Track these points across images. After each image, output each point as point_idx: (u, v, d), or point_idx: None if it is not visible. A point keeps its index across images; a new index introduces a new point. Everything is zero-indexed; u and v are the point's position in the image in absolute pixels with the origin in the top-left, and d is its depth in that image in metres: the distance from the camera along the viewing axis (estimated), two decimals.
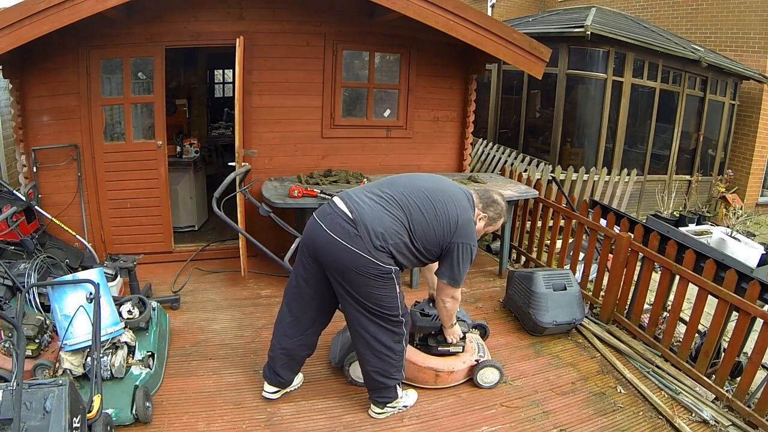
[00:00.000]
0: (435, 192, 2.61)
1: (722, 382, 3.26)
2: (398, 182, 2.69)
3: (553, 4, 13.76)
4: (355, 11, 4.76)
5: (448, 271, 2.63)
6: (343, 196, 2.60)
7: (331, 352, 3.33)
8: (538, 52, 4.62)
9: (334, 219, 2.50)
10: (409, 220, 2.52)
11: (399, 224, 2.50)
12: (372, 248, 2.44)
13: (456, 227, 2.57)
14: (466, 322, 3.25)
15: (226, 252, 4.95)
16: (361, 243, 2.43)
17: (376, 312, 2.59)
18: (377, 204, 2.53)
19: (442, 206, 2.57)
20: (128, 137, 4.52)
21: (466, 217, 2.62)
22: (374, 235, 2.45)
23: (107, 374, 2.67)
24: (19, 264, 3.28)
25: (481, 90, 6.38)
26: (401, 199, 2.55)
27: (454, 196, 2.64)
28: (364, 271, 2.46)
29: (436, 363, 3.14)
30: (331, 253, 2.49)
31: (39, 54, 4.06)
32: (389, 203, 2.54)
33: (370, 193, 2.60)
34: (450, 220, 2.56)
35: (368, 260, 2.44)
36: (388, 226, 2.48)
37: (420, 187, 2.63)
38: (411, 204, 2.54)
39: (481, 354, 3.28)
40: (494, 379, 3.23)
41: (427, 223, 2.54)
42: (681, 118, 8.80)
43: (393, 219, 2.50)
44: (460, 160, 5.66)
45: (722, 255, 3.65)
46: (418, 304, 3.36)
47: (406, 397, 2.95)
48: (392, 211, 2.52)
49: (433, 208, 2.55)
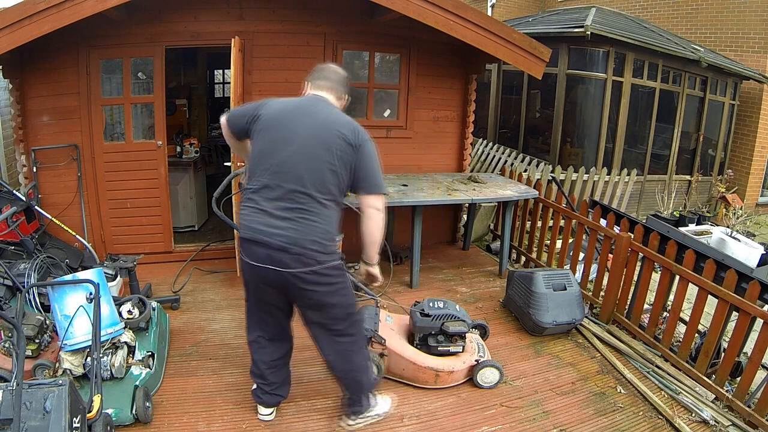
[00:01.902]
0: (303, 142, 2.28)
1: (722, 382, 3.26)
2: (284, 172, 2.28)
3: (553, 4, 13.75)
4: (355, 11, 4.76)
5: (372, 177, 2.37)
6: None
7: None
8: (538, 52, 4.62)
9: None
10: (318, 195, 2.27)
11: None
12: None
13: (354, 139, 2.31)
14: (466, 322, 3.25)
15: (226, 252, 4.95)
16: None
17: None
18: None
19: (322, 149, 2.27)
20: (128, 137, 4.52)
21: (349, 121, 2.36)
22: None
23: (107, 374, 2.67)
24: (19, 264, 3.27)
25: (481, 90, 6.38)
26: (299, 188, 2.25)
27: (326, 120, 2.33)
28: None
29: (436, 363, 3.15)
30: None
31: (39, 54, 4.06)
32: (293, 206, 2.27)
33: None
34: (338, 145, 2.27)
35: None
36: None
37: (296, 160, 2.27)
38: (302, 180, 2.24)
39: (481, 354, 3.28)
40: (494, 379, 3.23)
41: (328, 173, 2.27)
42: (681, 118, 8.80)
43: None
44: (460, 160, 5.66)
45: (722, 255, 3.65)
46: (417, 304, 3.36)
47: (379, 404, 2.78)
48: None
49: (321, 158, 2.26)
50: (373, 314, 3.32)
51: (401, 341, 3.24)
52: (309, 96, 2.48)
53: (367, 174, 2.37)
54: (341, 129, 2.31)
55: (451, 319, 3.20)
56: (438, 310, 3.22)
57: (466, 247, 5.70)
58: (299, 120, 2.33)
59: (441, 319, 3.19)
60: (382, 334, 3.14)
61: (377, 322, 3.25)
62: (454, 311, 3.24)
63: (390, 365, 3.18)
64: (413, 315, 3.26)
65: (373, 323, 3.21)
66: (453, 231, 5.93)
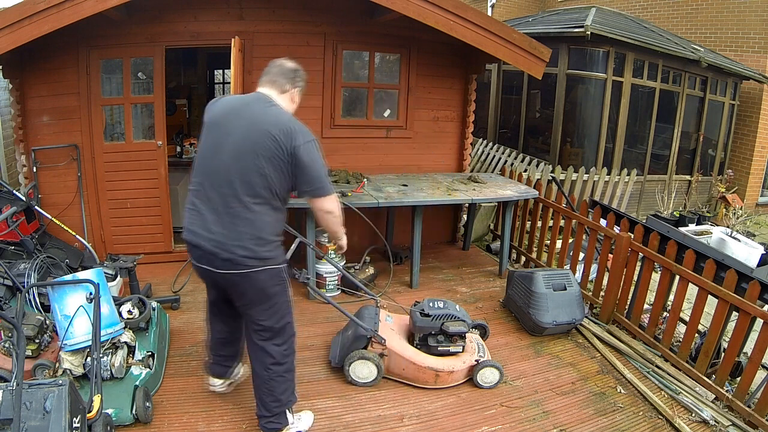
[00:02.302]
0: (234, 146, 2.24)
1: (722, 382, 3.26)
2: (213, 180, 2.28)
3: (553, 4, 13.75)
4: (355, 11, 4.76)
5: (313, 180, 2.28)
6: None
7: (331, 353, 3.33)
8: (538, 52, 4.62)
9: None
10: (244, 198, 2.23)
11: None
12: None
13: (284, 143, 2.21)
14: (466, 322, 3.25)
15: None
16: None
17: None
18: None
19: (251, 152, 2.21)
20: (128, 137, 4.52)
21: (285, 121, 2.26)
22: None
23: (107, 374, 2.67)
24: (19, 264, 3.27)
25: (481, 90, 6.38)
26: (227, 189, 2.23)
27: (257, 120, 2.26)
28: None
29: (436, 363, 3.15)
30: None
31: (39, 54, 4.06)
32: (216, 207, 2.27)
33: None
34: (269, 147, 2.20)
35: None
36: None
37: (228, 158, 2.24)
38: (232, 184, 2.22)
39: (481, 354, 3.28)
40: (494, 379, 3.23)
41: (258, 180, 2.22)
42: (681, 118, 8.80)
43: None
44: (460, 160, 5.66)
45: (722, 255, 3.65)
46: (417, 304, 3.36)
47: (298, 421, 2.66)
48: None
49: (249, 162, 2.21)
50: (373, 314, 3.32)
51: (401, 341, 3.24)
52: (251, 94, 2.44)
53: (307, 178, 2.29)
54: (271, 129, 2.22)
55: (451, 319, 3.20)
56: (438, 310, 3.22)
57: (466, 247, 5.70)
58: (233, 122, 2.30)
59: (441, 319, 3.19)
60: (382, 334, 3.14)
61: (377, 322, 3.25)
62: (454, 311, 3.24)
63: (390, 365, 3.18)
64: (413, 315, 3.26)
65: (373, 323, 3.21)
66: (453, 231, 5.93)
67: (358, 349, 3.15)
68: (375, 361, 3.11)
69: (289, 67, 2.43)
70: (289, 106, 2.44)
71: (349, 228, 4.72)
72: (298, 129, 2.27)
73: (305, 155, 2.24)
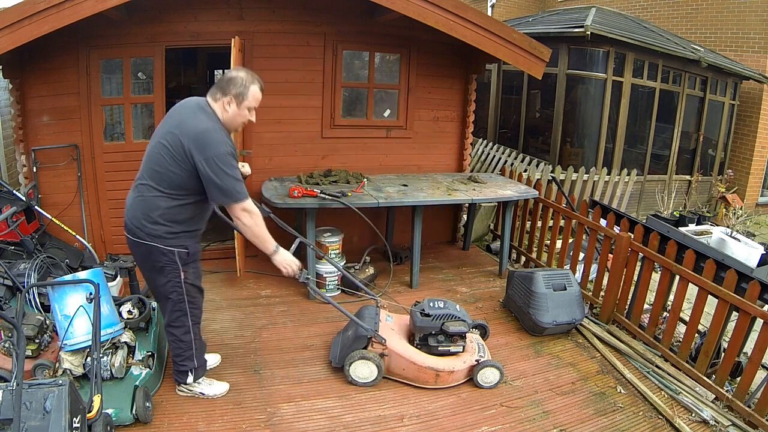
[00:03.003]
0: (157, 138, 2.55)
1: (722, 382, 3.26)
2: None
3: (553, 4, 13.76)
4: (355, 11, 4.76)
5: (217, 190, 2.47)
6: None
7: (332, 353, 3.33)
8: (538, 52, 4.62)
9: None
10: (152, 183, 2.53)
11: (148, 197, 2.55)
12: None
13: (190, 149, 2.42)
14: (467, 322, 3.25)
15: (226, 252, 4.94)
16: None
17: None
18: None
19: (161, 146, 2.49)
20: (128, 137, 4.52)
21: (198, 131, 2.44)
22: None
23: (107, 374, 2.67)
24: (19, 264, 3.27)
25: (481, 90, 6.38)
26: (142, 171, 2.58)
27: (179, 122, 2.50)
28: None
29: (436, 363, 3.14)
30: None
31: (39, 54, 4.06)
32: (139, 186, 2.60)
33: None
34: (176, 148, 2.44)
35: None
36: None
37: (150, 146, 2.58)
38: (145, 168, 2.56)
39: (482, 354, 3.28)
40: (494, 379, 3.23)
41: (160, 170, 2.50)
42: (681, 118, 8.81)
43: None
44: (460, 160, 5.66)
45: (722, 255, 3.65)
46: (418, 304, 3.36)
47: (208, 387, 2.95)
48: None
49: (157, 153, 2.50)
50: (374, 314, 3.32)
51: (402, 341, 3.24)
52: (200, 99, 2.66)
53: (212, 188, 2.48)
54: (182, 136, 2.45)
55: (451, 319, 3.20)
56: (438, 310, 3.22)
57: (466, 247, 5.70)
58: (165, 121, 2.61)
59: (441, 319, 3.19)
60: (382, 334, 3.14)
61: (377, 322, 3.25)
62: (454, 311, 3.24)
63: (390, 365, 3.18)
64: (413, 315, 3.26)
65: (374, 323, 3.21)
66: (453, 231, 5.93)
67: (359, 349, 3.15)
68: (375, 361, 3.11)
69: (227, 77, 2.58)
70: (222, 113, 2.58)
71: (350, 228, 4.76)
72: (208, 141, 2.44)
73: (207, 169, 2.43)
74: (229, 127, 2.62)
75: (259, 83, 2.60)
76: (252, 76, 2.59)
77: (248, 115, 2.62)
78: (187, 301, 2.71)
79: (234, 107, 2.56)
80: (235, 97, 2.54)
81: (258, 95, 2.61)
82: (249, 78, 2.57)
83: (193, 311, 2.77)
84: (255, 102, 2.61)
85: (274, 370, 3.26)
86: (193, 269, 2.72)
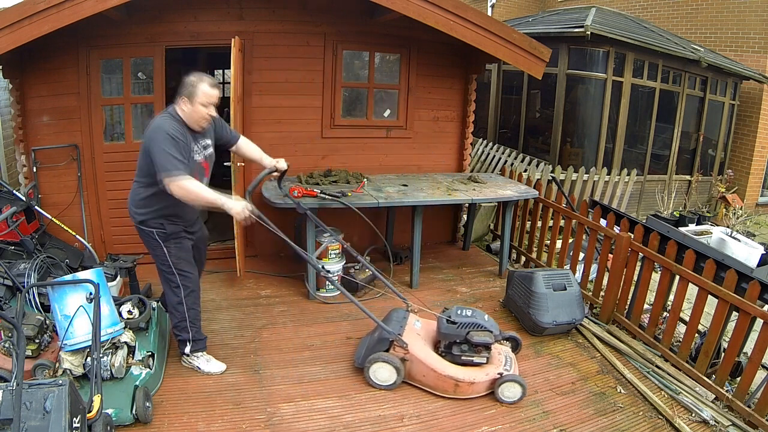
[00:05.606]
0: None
1: (722, 382, 3.26)
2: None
3: (553, 4, 13.75)
4: (355, 11, 4.76)
5: (155, 165, 2.76)
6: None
7: (357, 353, 3.31)
8: (538, 52, 4.62)
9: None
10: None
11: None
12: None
13: (146, 138, 2.83)
14: (493, 332, 3.13)
15: (226, 252, 4.94)
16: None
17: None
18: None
19: (142, 144, 2.87)
20: (128, 137, 4.52)
21: (152, 122, 2.87)
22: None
23: (107, 374, 2.67)
24: (19, 264, 3.27)
25: (481, 90, 6.38)
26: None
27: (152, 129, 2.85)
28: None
29: (456, 372, 3.06)
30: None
31: (39, 54, 4.06)
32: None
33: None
34: (144, 142, 2.85)
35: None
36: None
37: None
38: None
39: (507, 368, 3.14)
40: (516, 395, 3.08)
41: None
42: (681, 118, 8.80)
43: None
44: (460, 160, 5.66)
45: (722, 255, 3.65)
46: (446, 310, 3.28)
47: (206, 363, 3.17)
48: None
49: (140, 150, 2.89)
50: (401, 318, 3.28)
51: (425, 347, 3.16)
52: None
53: (155, 164, 2.76)
54: (146, 131, 2.89)
55: (477, 329, 3.09)
56: (464, 318, 3.11)
57: (466, 247, 5.70)
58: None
59: (467, 328, 3.08)
60: (406, 339, 3.08)
61: (403, 326, 3.20)
62: (481, 320, 3.13)
63: (411, 370, 3.11)
64: (440, 321, 3.16)
65: (399, 327, 3.17)
66: (453, 231, 5.93)
67: (380, 351, 3.11)
68: (395, 365, 3.05)
69: (183, 82, 2.87)
70: (181, 112, 2.88)
71: (350, 228, 4.76)
72: (153, 126, 2.82)
73: (148, 147, 2.78)
74: (191, 123, 2.88)
75: (208, 81, 2.84)
76: (200, 77, 2.85)
77: (204, 110, 2.86)
78: (177, 274, 3.02)
79: (189, 106, 2.85)
80: (187, 96, 2.83)
81: (209, 91, 2.84)
82: (197, 79, 2.84)
83: (185, 284, 3.05)
84: (206, 98, 2.84)
85: (273, 370, 3.26)
86: (175, 245, 3.02)
